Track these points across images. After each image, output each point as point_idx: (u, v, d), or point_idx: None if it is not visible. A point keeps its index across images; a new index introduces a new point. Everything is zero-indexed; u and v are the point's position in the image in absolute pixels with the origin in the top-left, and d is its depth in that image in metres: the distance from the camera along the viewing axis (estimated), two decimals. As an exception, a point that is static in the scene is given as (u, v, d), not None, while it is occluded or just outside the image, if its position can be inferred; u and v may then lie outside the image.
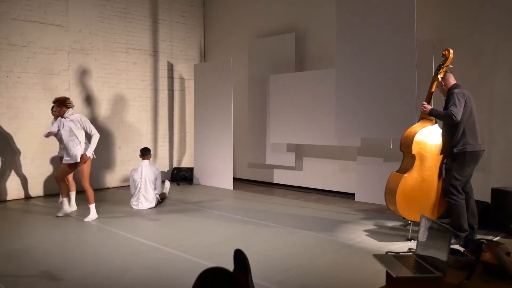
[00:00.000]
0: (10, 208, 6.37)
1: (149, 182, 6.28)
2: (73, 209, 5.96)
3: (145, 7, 8.51)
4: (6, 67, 6.75)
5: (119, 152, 8.19)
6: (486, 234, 4.73)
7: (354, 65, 6.00)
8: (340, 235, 4.82)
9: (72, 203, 5.99)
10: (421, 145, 4.48)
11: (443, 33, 5.97)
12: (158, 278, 3.57)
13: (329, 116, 6.68)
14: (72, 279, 3.56)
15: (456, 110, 4.26)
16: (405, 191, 4.45)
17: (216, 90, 8.02)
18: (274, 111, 7.69)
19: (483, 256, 2.65)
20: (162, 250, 4.31)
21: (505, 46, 5.52)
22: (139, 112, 8.50)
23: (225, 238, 4.77)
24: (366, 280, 3.47)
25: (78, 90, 7.59)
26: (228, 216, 5.74)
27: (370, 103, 5.83)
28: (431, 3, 6.09)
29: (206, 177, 8.35)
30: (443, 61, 4.51)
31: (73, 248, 4.42)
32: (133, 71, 8.36)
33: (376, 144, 6.52)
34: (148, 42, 8.58)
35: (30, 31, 6.98)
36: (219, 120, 7.97)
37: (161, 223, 5.57)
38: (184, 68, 9.24)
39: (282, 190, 7.76)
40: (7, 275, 3.64)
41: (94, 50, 7.78)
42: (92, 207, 5.56)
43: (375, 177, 6.48)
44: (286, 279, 3.52)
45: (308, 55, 7.67)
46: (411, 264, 2.73)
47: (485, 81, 5.68)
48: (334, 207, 6.32)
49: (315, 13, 7.52)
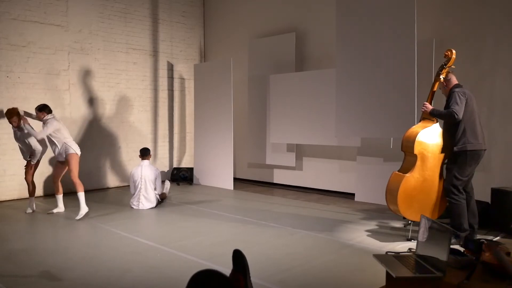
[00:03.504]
0: (10, 208, 6.37)
1: (149, 182, 6.28)
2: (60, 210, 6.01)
3: (145, 7, 8.52)
4: (6, 67, 6.75)
5: (119, 152, 8.19)
6: (486, 234, 4.73)
7: (354, 65, 6.00)
8: (340, 235, 4.82)
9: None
10: (423, 145, 4.48)
11: (443, 33, 5.97)
12: (158, 278, 3.58)
13: (329, 116, 6.68)
14: (72, 279, 3.56)
15: (457, 108, 4.27)
16: (406, 191, 4.45)
17: (216, 90, 8.02)
18: (274, 111, 7.69)
19: (483, 256, 2.65)
20: (162, 250, 4.31)
21: (505, 46, 5.52)
22: (139, 112, 8.50)
23: (225, 238, 4.77)
24: (366, 280, 3.47)
25: (78, 90, 7.60)
26: (228, 216, 5.74)
27: (370, 103, 5.83)
28: (431, 3, 6.09)
29: (206, 177, 8.35)
30: (445, 61, 4.51)
31: (73, 248, 4.42)
32: (133, 71, 8.36)
33: (376, 144, 6.52)
34: (148, 42, 8.58)
35: (30, 31, 6.98)
36: (219, 120, 7.97)
37: (161, 223, 5.57)
38: (184, 68, 9.24)
39: (282, 190, 7.76)
40: (7, 275, 3.64)
41: (94, 50, 7.78)
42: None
43: (375, 177, 6.48)
44: (286, 279, 3.52)
45: (308, 55, 7.67)
46: (411, 264, 2.73)
47: (485, 81, 5.68)
48: (334, 207, 6.32)
49: (315, 13, 7.52)
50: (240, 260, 2.00)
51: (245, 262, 1.99)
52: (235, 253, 2.04)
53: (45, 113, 5.77)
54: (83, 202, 5.66)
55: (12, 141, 6.85)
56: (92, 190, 7.71)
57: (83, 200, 5.67)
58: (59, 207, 5.98)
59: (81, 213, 5.59)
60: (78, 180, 5.75)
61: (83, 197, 5.69)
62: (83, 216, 5.57)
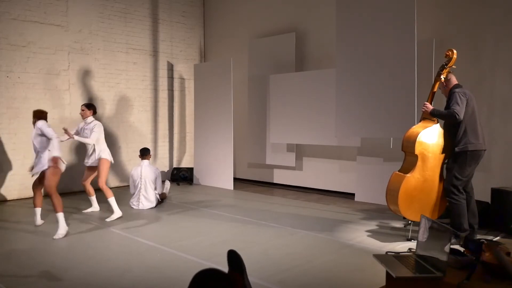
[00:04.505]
0: (10, 208, 6.37)
1: (149, 182, 6.28)
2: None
3: (145, 7, 8.52)
4: (6, 67, 6.75)
5: (119, 152, 8.19)
6: (486, 234, 4.73)
7: (354, 65, 6.00)
8: (340, 235, 4.82)
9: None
10: (423, 145, 4.48)
11: (443, 33, 5.97)
12: (158, 278, 3.58)
13: (329, 116, 6.68)
14: (72, 279, 3.56)
15: (458, 109, 4.27)
16: (407, 191, 4.45)
17: (216, 90, 8.02)
18: (274, 111, 7.69)
19: (483, 256, 2.64)
20: (162, 250, 4.31)
21: (505, 46, 5.52)
22: (139, 112, 8.50)
23: (225, 238, 4.77)
24: (366, 280, 3.47)
25: (78, 90, 7.60)
26: (228, 216, 5.74)
27: (370, 103, 5.83)
28: (431, 3, 6.09)
29: (206, 177, 8.35)
30: (446, 61, 4.51)
31: (73, 248, 4.42)
32: (133, 71, 8.36)
33: (376, 144, 6.52)
34: (148, 42, 8.58)
35: (30, 31, 6.98)
36: (219, 120, 7.97)
37: (161, 223, 5.57)
38: (184, 68, 9.24)
39: (282, 190, 7.76)
40: (8, 275, 3.64)
41: (94, 50, 7.78)
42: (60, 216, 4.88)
43: (375, 177, 6.48)
44: (286, 279, 3.52)
45: (308, 55, 7.67)
46: (411, 264, 2.73)
47: (485, 81, 5.68)
48: (334, 207, 6.32)
49: (315, 13, 7.52)
50: (236, 260, 2.00)
51: (241, 261, 1.99)
52: (230, 253, 2.04)
53: (92, 112, 5.90)
54: (115, 207, 5.66)
55: (12, 141, 6.86)
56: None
57: (115, 205, 5.66)
58: (94, 207, 6.09)
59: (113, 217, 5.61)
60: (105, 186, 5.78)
61: (115, 202, 5.67)
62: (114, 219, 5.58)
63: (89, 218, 5.65)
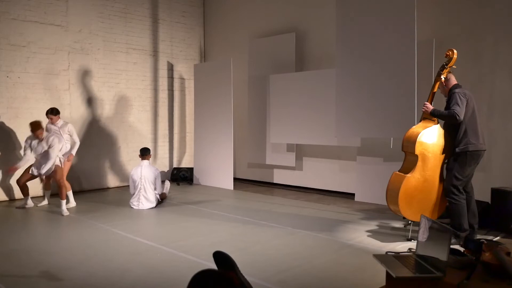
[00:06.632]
0: (10, 208, 6.37)
1: (148, 182, 6.28)
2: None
3: (145, 7, 8.51)
4: (6, 67, 6.75)
5: (119, 152, 8.19)
6: (486, 234, 4.73)
7: (354, 65, 6.00)
8: (340, 235, 4.82)
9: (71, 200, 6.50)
10: (424, 146, 4.48)
11: (443, 33, 5.97)
12: (158, 278, 3.57)
13: (329, 116, 6.68)
14: (72, 279, 3.56)
15: (459, 109, 4.27)
16: (407, 191, 4.45)
17: (216, 90, 8.02)
18: (274, 111, 7.69)
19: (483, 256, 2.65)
20: (162, 250, 4.31)
21: (505, 46, 5.52)
22: (139, 112, 8.50)
23: (225, 238, 4.77)
24: (366, 280, 3.47)
25: (78, 90, 7.60)
26: (228, 216, 5.74)
27: (370, 103, 5.83)
28: (431, 3, 6.09)
29: (206, 177, 8.35)
30: (446, 61, 4.51)
31: (73, 248, 4.42)
32: (133, 71, 8.36)
33: (376, 144, 6.52)
34: (148, 42, 8.58)
35: (30, 31, 6.98)
36: (219, 120, 7.97)
37: (161, 223, 5.57)
38: (184, 68, 9.24)
39: (282, 190, 7.76)
40: (7, 275, 3.64)
41: (94, 50, 7.78)
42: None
43: (375, 177, 6.48)
44: (286, 279, 3.52)
45: (308, 55, 7.67)
46: (411, 264, 2.73)
47: (485, 81, 5.68)
48: (334, 207, 6.32)
49: (315, 13, 7.52)
50: (224, 259, 1.98)
51: (228, 258, 1.98)
52: (216, 255, 2.01)
53: (58, 116, 6.43)
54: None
55: (11, 141, 6.86)
56: (92, 190, 7.72)
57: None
58: (71, 202, 6.42)
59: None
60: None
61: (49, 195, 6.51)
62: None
63: (89, 218, 5.64)
